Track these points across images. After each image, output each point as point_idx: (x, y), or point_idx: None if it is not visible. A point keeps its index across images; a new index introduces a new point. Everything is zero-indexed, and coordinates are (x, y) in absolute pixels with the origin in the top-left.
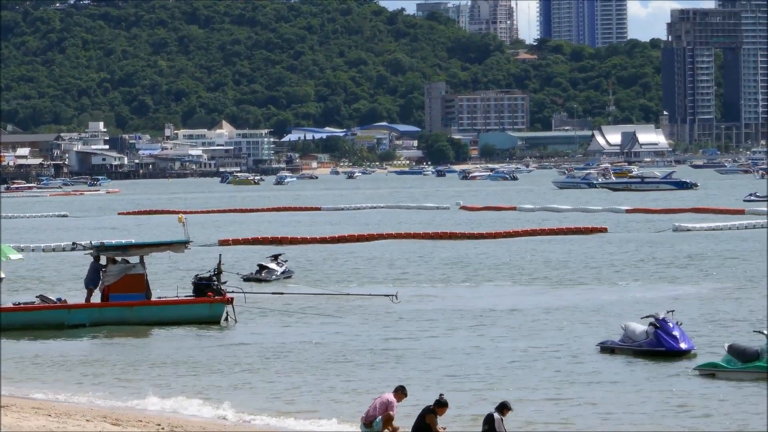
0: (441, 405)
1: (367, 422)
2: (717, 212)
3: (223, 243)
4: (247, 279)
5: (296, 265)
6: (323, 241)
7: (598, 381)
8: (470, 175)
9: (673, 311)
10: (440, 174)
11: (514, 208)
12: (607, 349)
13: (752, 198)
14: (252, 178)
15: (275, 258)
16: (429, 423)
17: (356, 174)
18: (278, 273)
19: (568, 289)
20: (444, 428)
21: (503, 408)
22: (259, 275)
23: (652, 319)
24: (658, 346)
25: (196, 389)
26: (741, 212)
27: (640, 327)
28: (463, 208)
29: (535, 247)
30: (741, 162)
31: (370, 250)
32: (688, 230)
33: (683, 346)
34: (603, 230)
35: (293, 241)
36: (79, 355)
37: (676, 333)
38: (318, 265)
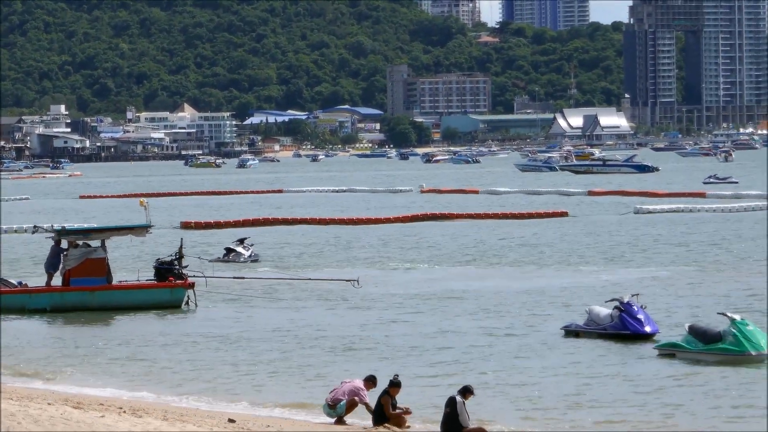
0: (393, 385)
1: (332, 404)
2: (679, 195)
3: (186, 225)
4: (214, 262)
5: (261, 249)
6: (285, 222)
7: (562, 364)
8: (434, 158)
9: (637, 294)
10: (404, 157)
11: (476, 191)
12: (571, 332)
13: (711, 180)
14: (213, 161)
15: (241, 242)
16: (383, 403)
17: (320, 157)
18: (245, 256)
19: (530, 272)
20: (407, 409)
21: (466, 392)
22: (227, 258)
23: (616, 303)
24: (623, 329)
25: (156, 374)
26: (702, 195)
27: (604, 310)
28: (425, 191)
29: (496, 231)
30: (702, 145)
31: (334, 233)
32: (650, 212)
33: (648, 329)
34: (564, 214)
35: (255, 223)
36: (38, 339)
37: (640, 316)
38: (281, 249)
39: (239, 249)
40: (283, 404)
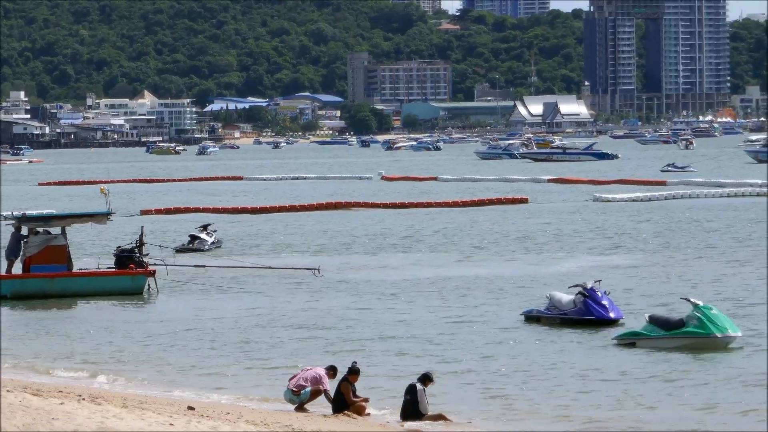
0: (352, 372)
1: (296, 390)
2: (639, 183)
3: (145, 213)
4: (179, 250)
5: (222, 236)
6: (245, 211)
7: (522, 351)
8: (395, 145)
9: (600, 281)
10: (365, 144)
11: (435, 179)
12: (532, 317)
13: (669, 168)
14: (172, 147)
15: (204, 228)
16: (343, 392)
17: (282, 144)
18: (209, 243)
19: (490, 259)
20: (366, 399)
21: (426, 379)
22: (192, 245)
23: (579, 288)
24: (588, 314)
25: (116, 362)
26: (663, 183)
27: (566, 296)
28: (385, 178)
29: (456, 218)
30: (661, 132)
31: (295, 220)
32: (609, 201)
33: (612, 315)
34: (524, 200)
35: (215, 211)
36: None
37: (605, 302)
38: (242, 237)
39: (203, 235)
40: (242, 392)
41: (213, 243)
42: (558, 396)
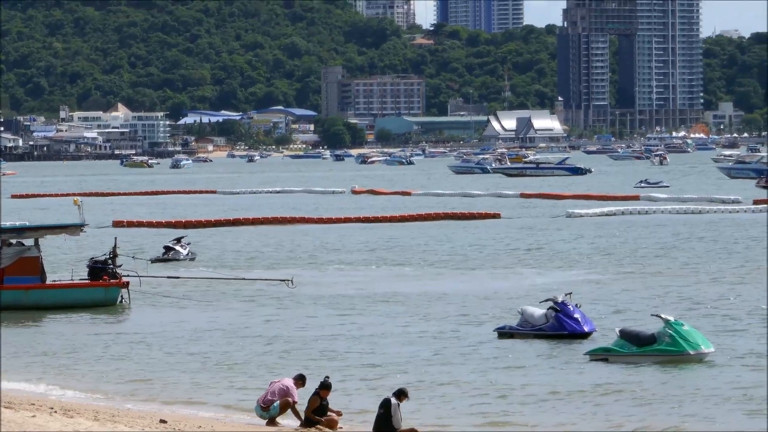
0: (324, 387)
1: (265, 405)
2: (612, 198)
3: (117, 224)
4: (154, 261)
5: (195, 249)
6: (218, 224)
7: (495, 366)
8: (369, 159)
9: (571, 294)
10: (338, 158)
11: (409, 193)
12: (505, 333)
13: (643, 185)
14: (145, 161)
15: (178, 240)
16: (311, 404)
17: (256, 157)
18: (183, 255)
19: (462, 274)
20: (339, 412)
21: (401, 394)
22: (167, 257)
23: (551, 303)
24: (561, 329)
25: (88, 374)
26: (636, 198)
27: (538, 311)
28: (356, 192)
29: (429, 232)
30: (634, 148)
31: (268, 233)
32: (581, 216)
33: (585, 328)
34: (496, 216)
35: (188, 225)
36: None
37: (577, 315)
38: (216, 249)
39: (177, 247)
40: (214, 405)
41: (187, 255)
42: (537, 412)
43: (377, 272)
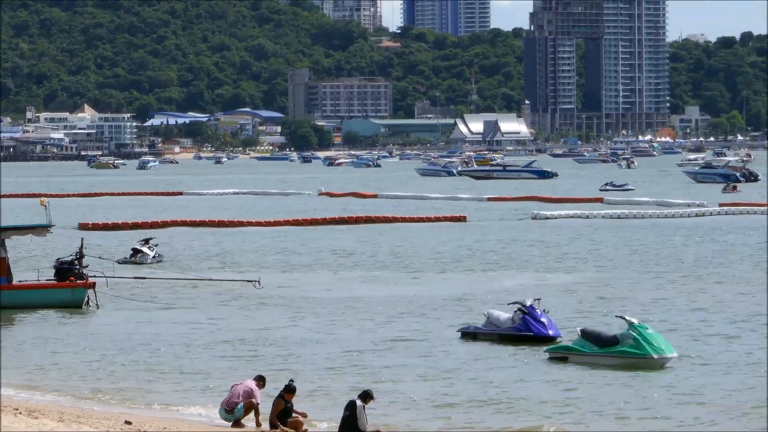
0: (288, 390)
1: (229, 408)
2: (577, 201)
3: (83, 226)
4: (122, 262)
5: (162, 250)
6: (184, 224)
7: (458, 366)
8: (336, 161)
9: (539, 299)
10: (306, 160)
11: (375, 196)
12: (469, 334)
13: (608, 188)
14: (111, 162)
15: (146, 242)
16: (275, 407)
17: (223, 159)
18: (150, 257)
19: (427, 277)
20: (304, 414)
21: (366, 396)
22: (134, 258)
23: (518, 306)
24: (527, 330)
25: (53, 376)
26: (600, 200)
27: (504, 314)
28: (323, 194)
29: (394, 235)
30: (601, 151)
31: (234, 235)
32: (547, 218)
33: (551, 332)
34: (462, 219)
35: (153, 225)
36: None
37: (543, 320)
38: (183, 250)
39: (145, 249)
40: (179, 406)
41: (154, 257)
42: (496, 412)
43: (342, 274)
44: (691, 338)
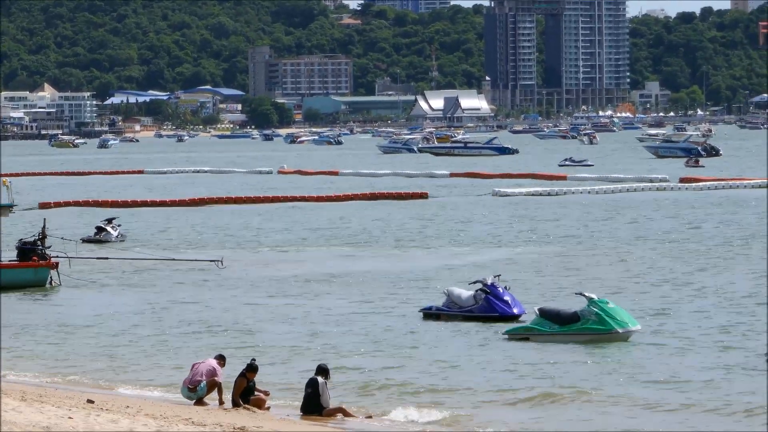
0: (251, 369)
1: (192, 387)
2: (540, 177)
3: (44, 206)
4: (85, 241)
5: (124, 230)
6: (144, 204)
7: (419, 346)
8: (298, 139)
9: (499, 276)
10: (268, 138)
11: (336, 173)
12: (431, 314)
13: (567, 163)
14: (71, 141)
15: (109, 221)
16: (238, 386)
17: (185, 137)
18: (114, 236)
19: (387, 254)
20: (267, 392)
21: (324, 372)
22: (99, 237)
23: (479, 285)
24: (491, 311)
25: (16, 355)
26: (563, 177)
27: (465, 292)
28: (283, 172)
29: (355, 213)
30: (561, 128)
31: (196, 214)
32: (508, 195)
33: (515, 311)
34: (424, 195)
35: (114, 204)
36: None
37: (507, 298)
38: (145, 229)
39: (108, 228)
40: (140, 386)
41: (117, 236)
42: (460, 391)
43: (304, 253)
44: (654, 312)
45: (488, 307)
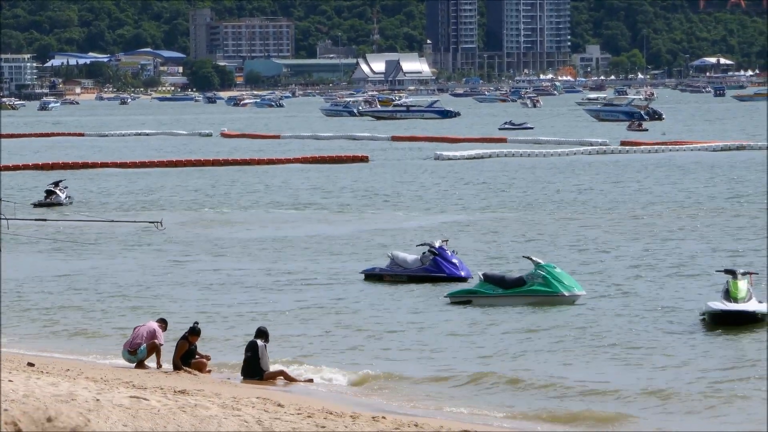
0: (193, 332)
1: (132, 350)
2: (480, 141)
3: None
4: (37, 205)
5: (71, 192)
6: (85, 166)
7: (360, 309)
8: (241, 102)
9: (447, 240)
10: (210, 101)
11: (278, 136)
12: (374, 276)
13: (507, 126)
14: (10, 103)
15: (56, 184)
16: (179, 348)
17: (128, 100)
18: (63, 198)
19: (329, 217)
20: (207, 356)
21: (264, 334)
22: (50, 200)
23: (427, 247)
24: (439, 271)
25: None
26: (503, 140)
27: (411, 255)
28: (225, 135)
29: (296, 175)
30: (502, 91)
31: (138, 176)
32: (449, 159)
33: (462, 273)
34: (364, 159)
35: (54, 167)
36: None
37: (455, 261)
38: (86, 192)
39: (57, 191)
40: (81, 349)
41: (65, 199)
42: (404, 352)
43: (246, 215)
44: (597, 278)
45: (437, 268)
